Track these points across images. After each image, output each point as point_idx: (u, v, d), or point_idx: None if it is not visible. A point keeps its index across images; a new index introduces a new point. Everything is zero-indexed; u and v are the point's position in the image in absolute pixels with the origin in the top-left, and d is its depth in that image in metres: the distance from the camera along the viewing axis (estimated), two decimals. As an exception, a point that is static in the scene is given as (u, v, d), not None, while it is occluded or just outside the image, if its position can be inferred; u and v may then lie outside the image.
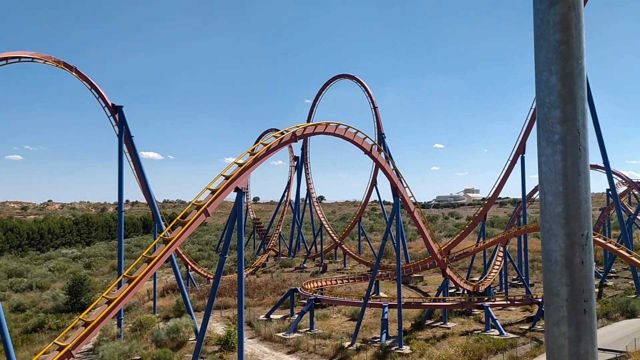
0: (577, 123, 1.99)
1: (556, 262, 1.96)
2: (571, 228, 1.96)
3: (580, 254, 1.97)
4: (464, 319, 42.01)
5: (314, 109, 79.24)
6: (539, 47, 2.01)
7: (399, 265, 38.25)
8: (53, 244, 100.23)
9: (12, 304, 49.29)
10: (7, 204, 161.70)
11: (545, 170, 1.99)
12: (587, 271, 1.99)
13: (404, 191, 39.05)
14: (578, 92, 1.98)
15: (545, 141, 2.01)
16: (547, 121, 2.00)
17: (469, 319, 42.03)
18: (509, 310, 43.95)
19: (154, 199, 43.78)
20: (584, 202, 2.00)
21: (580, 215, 1.97)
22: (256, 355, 33.81)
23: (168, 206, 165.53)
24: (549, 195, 1.99)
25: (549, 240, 1.98)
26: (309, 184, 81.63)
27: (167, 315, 43.68)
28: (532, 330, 38.41)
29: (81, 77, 40.54)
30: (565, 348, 1.93)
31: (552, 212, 1.98)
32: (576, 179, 2.00)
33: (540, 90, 2.00)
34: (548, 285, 1.96)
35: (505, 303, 42.80)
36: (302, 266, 73.30)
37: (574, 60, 1.97)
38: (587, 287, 1.98)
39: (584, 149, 2.01)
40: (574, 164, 2.00)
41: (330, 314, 44.49)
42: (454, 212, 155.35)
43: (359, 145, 34.82)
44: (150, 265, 23.39)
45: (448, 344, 34.64)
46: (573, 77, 1.97)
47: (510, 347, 33.77)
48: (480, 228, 59.04)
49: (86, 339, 21.14)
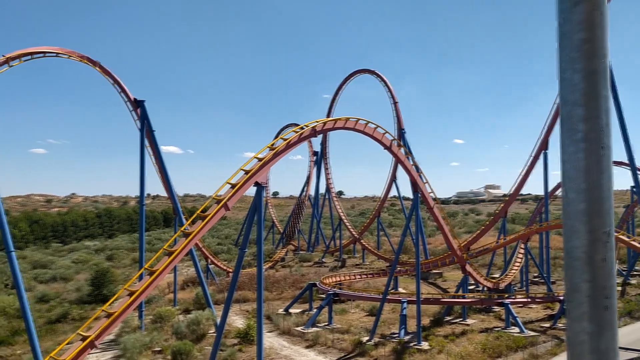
0: (600, 121, 2.00)
1: (578, 259, 1.98)
2: (593, 225, 1.98)
3: (601, 251, 1.99)
4: (484, 316, 41.73)
5: (333, 104, 79.18)
6: (563, 46, 2.02)
7: (418, 261, 38.12)
8: (76, 236, 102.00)
9: (37, 295, 50.33)
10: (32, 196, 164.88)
11: (567, 168, 2.00)
12: (608, 268, 2.00)
13: (424, 187, 38.85)
14: (601, 90, 1.99)
15: (568, 139, 2.03)
16: (570, 119, 2.02)
17: (488, 316, 41.73)
18: (530, 307, 43.52)
19: (174, 193, 44.21)
20: (606, 200, 2.01)
21: (602, 213, 1.99)
22: (275, 348, 34.05)
23: (188, 200, 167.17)
24: (571, 193, 2.01)
25: (570, 237, 2.00)
26: (328, 178, 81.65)
27: (187, 308, 44.20)
28: (553, 329, 37.99)
29: (104, 72, 41.07)
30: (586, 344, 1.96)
31: (574, 210, 2.00)
32: (599, 176, 2.01)
33: (563, 88, 2.02)
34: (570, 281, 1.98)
35: (526, 300, 42.39)
36: (321, 261, 73.46)
37: (598, 59, 1.98)
38: (608, 284, 2.00)
39: (606, 147, 2.02)
40: (597, 161, 2.01)
41: (348, 308, 44.56)
42: (474, 208, 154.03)
43: (378, 141, 34.71)
44: (171, 258, 23.67)
45: (467, 341, 34.46)
46: (596, 76, 1.98)
47: (531, 345, 33.45)
48: (501, 224, 58.50)
49: (109, 330, 21.51)
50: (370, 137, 34.29)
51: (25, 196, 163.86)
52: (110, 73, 41.30)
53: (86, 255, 76.99)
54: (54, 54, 36.55)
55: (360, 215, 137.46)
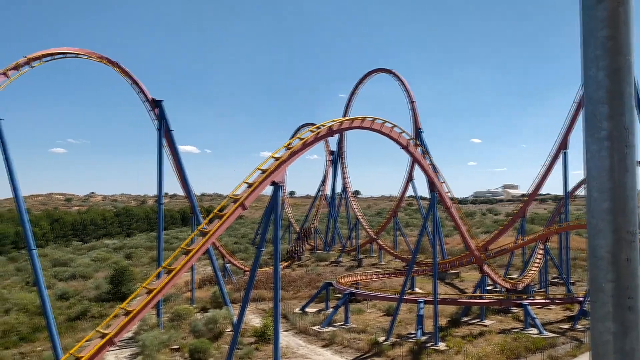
0: (624, 119, 1.98)
1: (602, 259, 1.96)
2: (617, 224, 1.96)
3: (626, 250, 1.96)
4: (502, 316, 41.37)
5: (350, 103, 79.06)
6: (587, 44, 2.00)
7: (435, 261, 37.92)
8: (95, 235, 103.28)
9: (57, 292, 51.05)
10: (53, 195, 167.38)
11: (591, 167, 1.99)
12: (633, 268, 1.98)
13: (441, 186, 38.63)
14: (626, 88, 1.97)
15: (592, 137, 2.01)
16: (594, 117, 2.00)
17: (507, 317, 41.37)
18: (549, 309, 43.04)
19: (192, 192, 44.50)
20: (630, 199, 1.99)
21: (626, 212, 1.97)
22: (291, 347, 34.12)
23: (205, 199, 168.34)
24: (595, 192, 1.99)
25: (595, 237, 1.98)
26: (344, 178, 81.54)
27: (205, 307, 44.48)
28: (572, 330, 37.53)
29: (123, 72, 41.48)
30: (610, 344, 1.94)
31: (599, 209, 1.98)
32: (623, 175, 1.99)
33: (587, 86, 2.00)
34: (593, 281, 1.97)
35: (545, 302, 41.93)
36: (338, 260, 73.42)
37: (622, 57, 1.96)
38: (633, 284, 1.97)
39: (631, 145, 2.00)
40: (621, 160, 1.99)
41: (365, 308, 44.49)
42: (492, 208, 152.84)
43: (395, 140, 34.58)
44: (189, 257, 23.83)
45: (485, 342, 34.20)
46: (621, 73, 1.95)
47: (550, 347, 33.10)
48: (519, 225, 57.92)
49: (127, 328, 21.72)
50: (387, 137, 34.18)
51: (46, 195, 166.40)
52: (129, 73, 41.69)
53: (105, 254, 77.91)
54: (73, 55, 37.02)
55: (377, 215, 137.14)
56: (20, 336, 37.93)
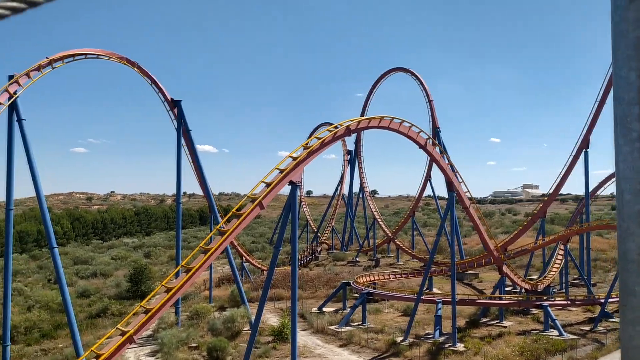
0: (656, 120, 1.95)
1: (633, 262, 1.93)
2: (649, 227, 1.92)
3: (658, 254, 1.93)
4: (522, 318, 40.95)
5: (367, 103, 78.93)
6: (618, 44, 1.97)
7: (453, 261, 37.68)
8: (115, 234, 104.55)
9: (78, 290, 51.82)
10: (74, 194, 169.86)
11: (622, 168, 1.95)
12: (664, 272, 1.94)
13: (459, 186, 38.36)
14: (658, 89, 1.93)
15: (623, 139, 1.97)
16: (625, 118, 1.96)
17: (526, 318, 40.94)
18: (569, 310, 42.50)
19: (210, 192, 44.83)
20: (662, 201, 1.95)
21: (658, 215, 1.93)
22: (309, 347, 34.17)
23: (223, 198, 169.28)
24: (627, 194, 1.95)
25: (625, 240, 1.94)
26: (362, 177, 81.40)
27: (222, 305, 44.77)
28: (593, 332, 37.03)
29: (142, 73, 41.92)
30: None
31: (630, 211, 1.94)
32: (655, 177, 1.95)
33: (618, 87, 1.97)
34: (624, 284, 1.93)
35: (566, 303, 41.43)
36: (355, 260, 73.33)
37: None
38: (664, 288, 1.93)
39: (663, 146, 1.96)
40: (653, 162, 1.95)
41: (382, 308, 44.37)
42: (511, 208, 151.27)
43: (413, 140, 34.43)
44: (207, 256, 23.99)
45: (504, 343, 33.87)
46: (653, 74, 1.92)
47: (570, 349, 32.67)
48: (539, 225, 57.26)
49: (147, 325, 21.95)
50: (404, 136, 34.05)
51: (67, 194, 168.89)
52: (148, 74, 42.11)
53: (125, 252, 78.84)
54: (94, 56, 37.51)
55: (394, 214, 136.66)
56: (42, 333, 38.57)
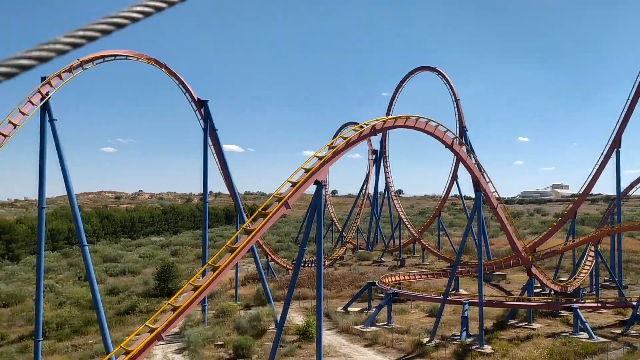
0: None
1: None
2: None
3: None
4: (550, 320, 40.19)
5: (393, 102, 78.52)
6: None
7: (480, 262, 37.17)
8: (143, 232, 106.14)
9: (107, 287, 52.75)
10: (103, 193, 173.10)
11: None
12: None
13: (487, 186, 37.82)
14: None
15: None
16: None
17: (555, 320, 40.16)
18: (600, 312, 41.53)
19: (236, 191, 45.07)
20: None
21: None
22: (334, 346, 34.12)
23: (249, 198, 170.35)
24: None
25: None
26: (387, 177, 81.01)
27: (248, 304, 45.03)
28: (624, 335, 36.10)
29: (170, 74, 42.38)
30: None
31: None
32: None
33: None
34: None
35: (596, 305, 40.48)
36: (380, 260, 73.01)
37: None
38: None
39: None
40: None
41: (408, 308, 44.05)
42: (540, 208, 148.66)
43: (439, 139, 34.07)
44: (233, 255, 24.11)
45: (533, 345, 33.28)
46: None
47: (601, 352, 31.92)
48: (569, 226, 56.12)
49: (174, 323, 22.17)
50: (430, 136, 33.72)
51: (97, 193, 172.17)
52: (176, 74, 42.55)
53: (152, 250, 79.98)
54: (124, 57, 38.05)
55: (420, 214, 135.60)
56: (73, 329, 39.38)
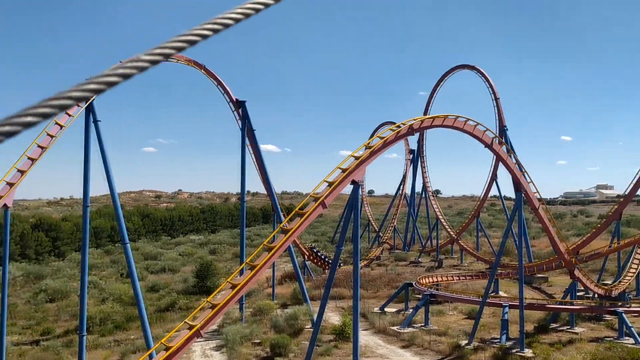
0: None
1: None
2: None
3: None
4: (594, 324, 39.01)
5: (431, 101, 77.65)
6: None
7: (521, 264, 36.39)
8: (182, 231, 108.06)
9: (148, 285, 53.93)
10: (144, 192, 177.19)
11: None
12: None
13: (528, 186, 36.99)
14: None
15: None
16: None
17: (599, 324, 38.95)
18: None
19: (273, 190, 45.38)
20: None
21: None
22: (370, 347, 33.99)
23: (286, 197, 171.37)
24: None
25: None
26: (424, 177, 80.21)
27: (285, 303, 45.28)
28: (674, 342, 34.70)
29: (209, 75, 43.01)
30: None
31: None
32: None
33: None
34: None
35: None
36: (417, 260, 72.33)
37: None
38: None
39: None
40: None
41: (445, 310, 43.48)
42: (583, 209, 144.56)
43: (478, 138, 33.52)
44: (271, 254, 24.30)
45: (575, 350, 32.37)
46: None
47: (648, 359, 30.79)
48: (614, 227, 54.34)
49: (213, 320, 22.51)
50: (469, 135, 33.22)
51: (138, 192, 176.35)
52: (215, 75, 43.14)
53: (191, 249, 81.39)
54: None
55: (458, 215, 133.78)
56: (115, 324, 40.41)
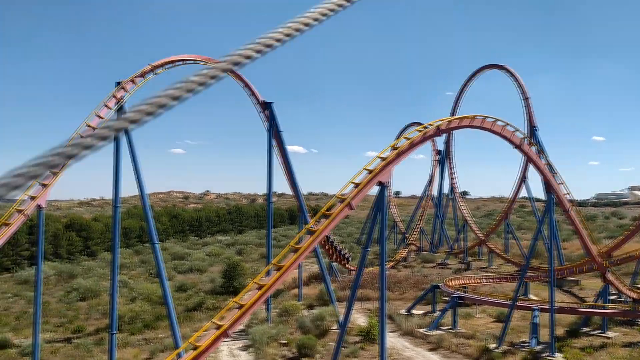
0: None
1: None
2: None
3: None
4: (627, 329, 38.07)
5: (458, 101, 76.87)
6: None
7: (551, 266, 35.73)
8: (210, 231, 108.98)
9: (176, 284, 54.55)
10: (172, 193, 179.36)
11: None
12: None
13: (559, 188, 36.33)
14: None
15: None
16: None
17: (632, 329, 37.99)
18: (683, 323, 38.92)
19: (300, 191, 45.50)
20: None
21: None
22: (397, 349, 33.80)
23: (312, 198, 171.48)
24: None
25: None
26: (452, 178, 79.38)
27: (311, 304, 45.33)
28: None
29: (236, 77, 43.37)
30: None
31: None
32: None
33: None
34: None
35: (679, 315, 37.95)
36: (444, 262, 71.63)
37: None
38: None
39: None
40: None
41: (473, 313, 42.95)
42: (616, 211, 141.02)
43: (507, 139, 33.02)
44: (297, 255, 24.34)
45: (607, 355, 31.66)
46: None
47: (685, 365, 29.93)
48: (648, 230, 52.97)
49: (240, 320, 22.65)
50: (498, 136, 32.75)
51: (166, 193, 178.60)
52: (242, 77, 43.48)
53: (218, 249, 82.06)
54: (192, 61, 39.33)
55: (486, 216, 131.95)
56: (144, 323, 41.00)
